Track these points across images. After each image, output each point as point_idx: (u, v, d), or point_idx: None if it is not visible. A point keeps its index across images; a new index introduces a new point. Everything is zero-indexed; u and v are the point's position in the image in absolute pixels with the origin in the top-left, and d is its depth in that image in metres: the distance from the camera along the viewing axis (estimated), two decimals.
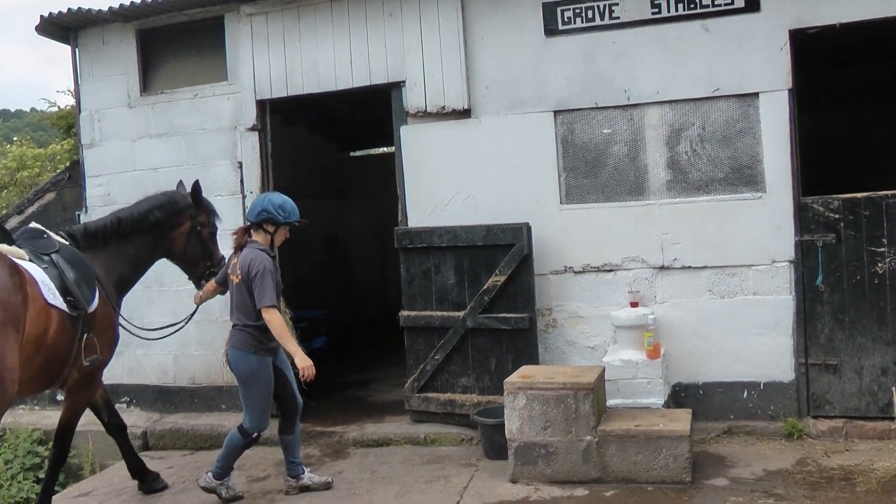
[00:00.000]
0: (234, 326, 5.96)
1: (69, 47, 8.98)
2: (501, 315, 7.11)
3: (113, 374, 8.79)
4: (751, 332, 6.94)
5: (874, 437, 6.55)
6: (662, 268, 7.09)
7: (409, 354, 7.61)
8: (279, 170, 8.70)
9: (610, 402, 6.53)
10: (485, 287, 7.16)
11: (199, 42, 8.59)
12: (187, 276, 6.80)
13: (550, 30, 7.35)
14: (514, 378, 6.26)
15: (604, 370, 6.47)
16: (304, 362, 5.71)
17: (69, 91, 13.77)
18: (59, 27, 8.75)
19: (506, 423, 6.17)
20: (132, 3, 8.17)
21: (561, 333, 7.42)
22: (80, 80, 8.95)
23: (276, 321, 5.70)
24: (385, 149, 14.93)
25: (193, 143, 8.46)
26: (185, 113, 8.48)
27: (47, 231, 5.88)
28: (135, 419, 8.54)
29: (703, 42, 6.99)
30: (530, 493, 5.88)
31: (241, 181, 8.27)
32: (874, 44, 8.63)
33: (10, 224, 9.31)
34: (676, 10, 7.04)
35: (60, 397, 9.10)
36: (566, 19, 7.31)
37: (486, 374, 7.26)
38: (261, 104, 8.22)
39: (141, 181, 8.60)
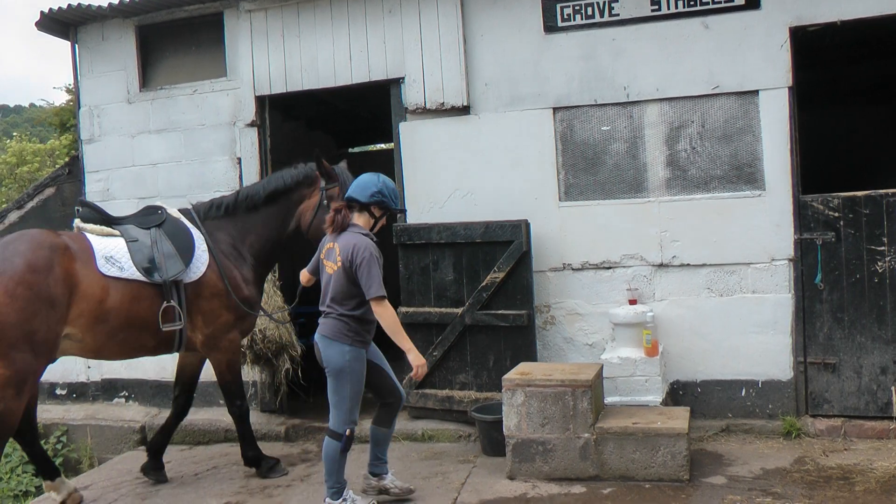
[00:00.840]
0: (325, 315, 5.43)
1: (69, 43, 8.97)
2: (500, 312, 7.10)
3: (111, 367, 8.85)
4: (749, 330, 6.93)
5: (873, 437, 6.54)
6: (661, 265, 7.08)
7: (398, 353, 7.58)
8: (278, 165, 8.62)
9: (608, 400, 6.53)
10: (483, 284, 7.15)
11: (198, 38, 8.58)
12: None
13: (550, 27, 7.34)
14: (512, 375, 6.25)
15: (602, 367, 6.46)
16: (417, 360, 5.32)
17: (66, 88, 13.79)
18: (58, 23, 8.74)
19: (504, 419, 6.16)
20: None
21: (559, 330, 7.42)
22: (79, 76, 8.94)
23: (389, 314, 5.27)
24: (384, 145, 14.92)
25: (192, 138, 8.45)
26: (185, 109, 8.47)
27: (163, 207, 6.33)
28: (133, 413, 8.56)
29: (703, 39, 6.98)
30: (528, 489, 5.87)
31: (240, 177, 8.27)
32: (874, 42, 8.61)
33: (10, 219, 9.32)
34: (676, 6, 7.03)
35: (60, 391, 9.15)
36: (566, 16, 7.30)
37: (485, 371, 7.26)
38: (260, 100, 8.21)
39: (140, 176, 8.62)
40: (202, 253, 6.18)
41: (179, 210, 6.43)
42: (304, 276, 5.80)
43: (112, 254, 5.86)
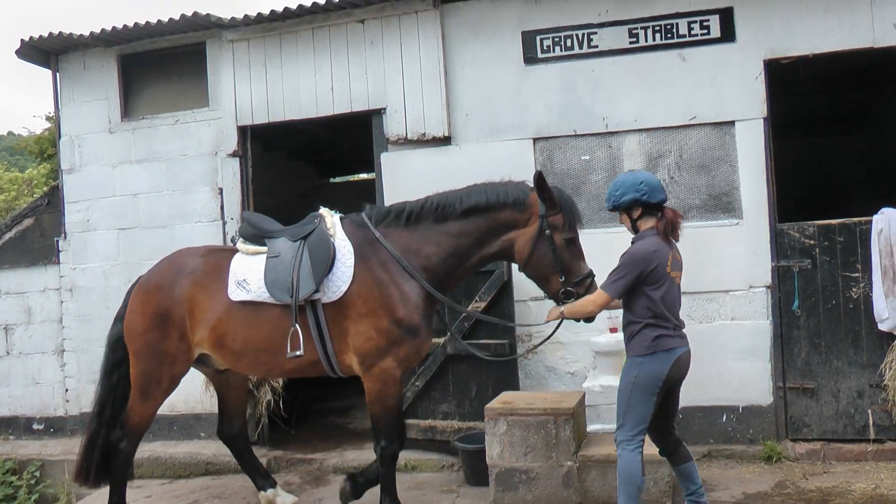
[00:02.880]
0: (681, 327, 5.02)
1: (49, 71, 8.96)
2: (482, 341, 7.12)
3: (91, 401, 8.66)
4: (729, 356, 7.00)
5: (851, 459, 6.63)
6: None
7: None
8: (260, 196, 8.71)
9: (590, 428, 6.54)
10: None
11: (180, 68, 8.61)
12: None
13: (530, 58, 7.45)
14: (494, 404, 6.26)
15: (584, 396, 6.49)
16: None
17: (46, 116, 13.72)
18: (39, 51, 8.74)
19: (486, 449, 6.16)
20: (114, 28, 8.20)
21: (541, 359, 7.44)
22: (60, 105, 8.93)
23: None
24: (365, 175, 15.00)
25: (174, 168, 8.45)
26: (166, 138, 8.48)
27: (320, 214, 5.76)
28: None
29: (681, 71, 7.12)
30: None
31: (222, 207, 8.27)
32: (845, 74, 8.80)
33: None
34: (654, 39, 7.17)
35: (37, 426, 9.03)
36: (545, 48, 7.41)
37: (467, 401, 7.27)
38: (242, 130, 8.24)
39: (121, 207, 8.59)
40: (346, 269, 5.47)
41: (350, 216, 5.82)
42: (606, 300, 4.93)
43: (245, 276, 5.67)
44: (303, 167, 13.11)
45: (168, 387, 5.96)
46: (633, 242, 5.01)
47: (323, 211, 5.81)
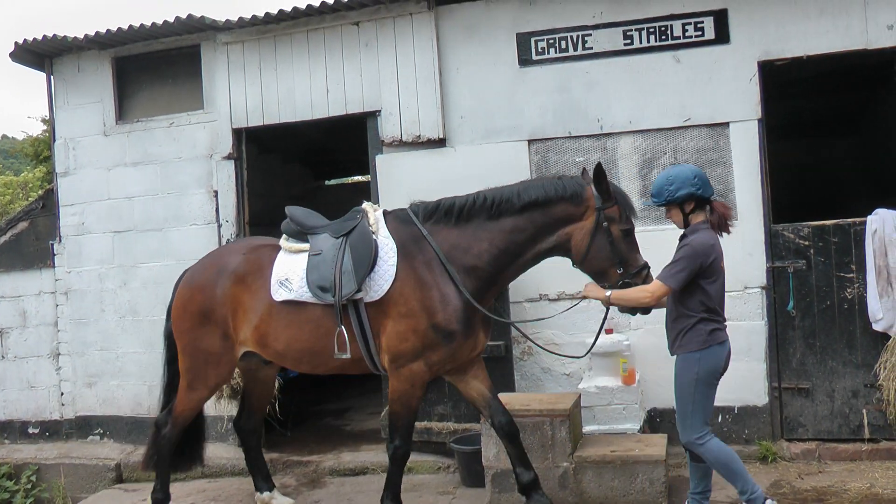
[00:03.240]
0: (724, 321, 5.08)
1: (44, 74, 8.95)
2: None
3: (86, 404, 8.76)
4: None
5: (846, 459, 6.64)
6: None
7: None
8: (255, 198, 8.70)
9: (586, 429, 6.56)
10: None
11: (175, 70, 8.60)
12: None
13: (525, 60, 7.46)
14: None
15: (579, 397, 6.50)
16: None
17: (41, 118, 13.70)
18: (33, 54, 8.73)
19: (483, 450, 6.17)
20: (108, 30, 8.18)
21: (537, 360, 7.45)
22: (54, 108, 8.92)
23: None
24: (360, 177, 14.99)
25: (169, 171, 8.44)
26: (161, 141, 8.47)
27: (363, 209, 5.64)
28: (108, 451, 8.44)
29: (675, 73, 7.13)
30: None
31: (217, 210, 8.25)
32: (839, 76, 8.83)
33: None
34: (648, 41, 7.19)
35: (32, 430, 9.02)
36: (540, 49, 7.42)
37: (463, 402, 7.23)
38: (237, 133, 8.23)
39: (116, 210, 8.59)
40: (389, 267, 5.33)
41: (395, 211, 5.69)
42: (666, 292, 4.90)
43: (287, 276, 5.61)
44: (298, 169, 13.09)
45: (214, 383, 6.08)
46: (683, 237, 5.02)
47: (366, 205, 5.69)
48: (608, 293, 5.04)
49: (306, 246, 5.67)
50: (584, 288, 5.23)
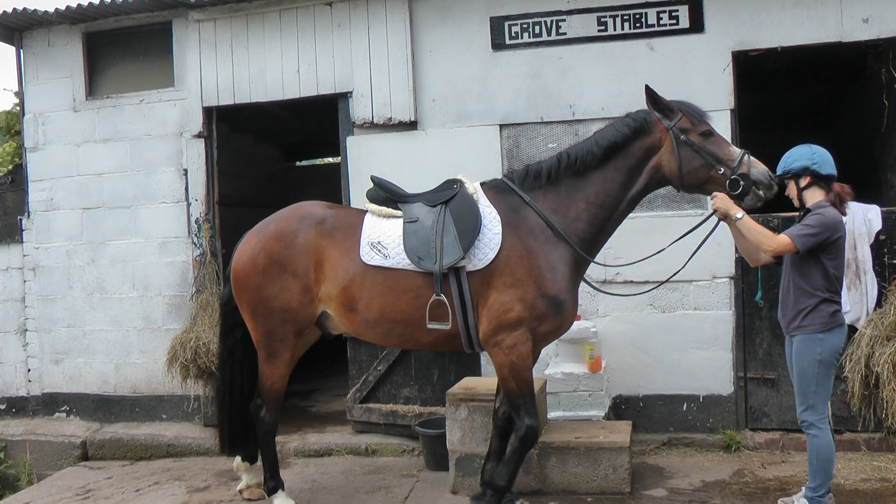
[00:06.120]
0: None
1: (13, 48, 8.83)
2: None
3: (53, 382, 8.69)
4: (691, 345, 7.05)
5: None
6: (605, 281, 7.12)
7: (352, 365, 7.60)
8: (225, 178, 8.63)
9: (551, 415, 6.57)
10: None
11: (146, 47, 8.50)
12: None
13: (498, 44, 7.42)
14: (455, 389, 6.27)
15: (545, 383, 6.51)
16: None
17: (14, 92, 13.48)
18: (3, 27, 8.60)
19: (447, 434, 6.18)
20: (79, 5, 8.07)
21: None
22: (24, 83, 8.81)
23: None
24: (331, 159, 14.91)
25: (139, 149, 8.35)
26: (131, 118, 8.38)
27: (459, 180, 5.36)
28: (74, 429, 8.39)
29: (649, 60, 7.12)
30: None
31: (186, 188, 8.18)
32: (813, 68, 8.85)
33: None
34: (622, 28, 7.17)
35: None
36: (513, 34, 7.38)
37: (429, 386, 7.27)
38: (207, 111, 8.15)
39: (85, 186, 8.50)
40: (494, 236, 5.09)
41: (490, 182, 5.46)
42: (789, 248, 4.89)
43: (381, 239, 5.26)
44: (269, 150, 13.01)
45: (294, 344, 5.59)
46: (805, 214, 4.98)
47: (461, 176, 5.44)
48: (740, 214, 4.90)
49: (398, 212, 5.36)
50: (713, 200, 5.01)
